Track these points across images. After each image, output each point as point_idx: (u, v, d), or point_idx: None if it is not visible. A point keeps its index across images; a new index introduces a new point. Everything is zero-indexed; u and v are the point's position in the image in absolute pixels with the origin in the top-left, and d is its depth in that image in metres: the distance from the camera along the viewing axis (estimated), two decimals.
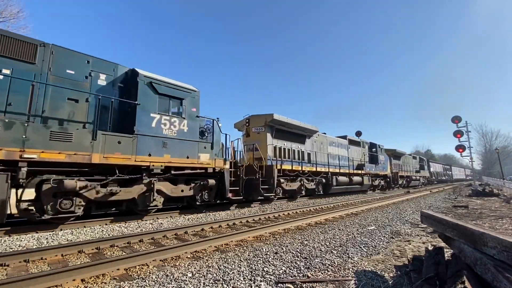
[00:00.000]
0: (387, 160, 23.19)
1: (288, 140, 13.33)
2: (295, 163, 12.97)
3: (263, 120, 12.27)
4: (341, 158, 17.38)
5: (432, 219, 3.19)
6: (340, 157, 17.22)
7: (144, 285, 2.95)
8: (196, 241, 4.51)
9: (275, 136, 12.56)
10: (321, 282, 2.99)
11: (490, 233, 2.19)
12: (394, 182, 23.97)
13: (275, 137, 12.59)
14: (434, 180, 39.65)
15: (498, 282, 1.92)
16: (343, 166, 17.18)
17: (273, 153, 12.13)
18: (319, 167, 14.75)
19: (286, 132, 13.36)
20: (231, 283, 2.99)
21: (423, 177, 33.68)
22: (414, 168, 30.91)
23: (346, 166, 17.50)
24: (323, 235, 5.37)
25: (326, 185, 15.02)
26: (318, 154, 15.32)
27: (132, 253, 3.87)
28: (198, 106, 8.31)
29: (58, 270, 3.04)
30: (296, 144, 13.95)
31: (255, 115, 12.64)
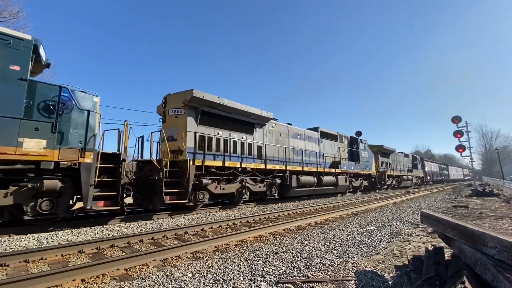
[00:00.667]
0: (372, 157, 20.39)
1: (223, 127, 10.14)
2: (234, 158, 10.04)
3: (181, 99, 9.06)
4: (309, 153, 14.32)
5: (432, 219, 3.19)
6: (307, 152, 14.12)
7: (144, 285, 2.95)
8: (196, 241, 4.51)
9: (201, 122, 9.40)
10: (321, 282, 2.98)
11: (490, 233, 2.19)
12: (380, 182, 21.21)
13: (202, 123, 9.43)
14: (429, 181, 36.99)
15: (498, 282, 1.92)
16: (311, 164, 14.15)
17: (196, 144, 8.96)
18: (273, 164, 11.64)
19: (220, 117, 10.09)
20: (231, 283, 2.99)
21: (416, 177, 31.21)
22: (405, 167, 28.50)
23: (315, 163, 14.42)
24: (323, 235, 5.37)
25: (283, 187, 12.06)
26: (273, 147, 12.20)
27: (132, 253, 3.87)
28: (27, 64, 5.34)
29: (58, 270, 3.05)
30: (239, 134, 10.67)
31: (174, 94, 9.40)
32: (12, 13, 16.71)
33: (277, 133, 12.92)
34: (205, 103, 9.43)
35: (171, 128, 9.04)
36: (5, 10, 16.41)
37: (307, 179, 13.10)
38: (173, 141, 8.76)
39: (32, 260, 3.76)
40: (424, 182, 34.08)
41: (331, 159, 16.14)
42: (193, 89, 8.91)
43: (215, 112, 9.89)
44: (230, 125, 10.48)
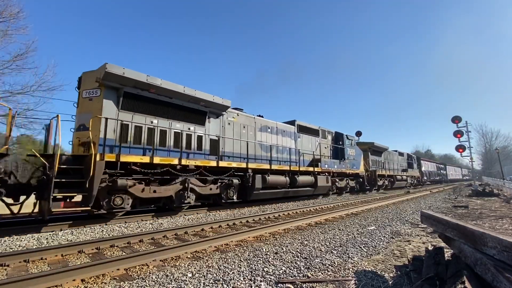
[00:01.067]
0: (360, 156, 18.54)
1: (161, 115, 8.26)
2: (174, 154, 8.24)
3: (94, 77, 7.17)
4: (282, 150, 12.50)
5: (432, 219, 3.19)
6: (279, 148, 12.33)
7: (144, 285, 2.95)
8: (196, 241, 4.51)
9: (124, 107, 7.48)
10: (321, 282, 2.98)
11: (490, 233, 2.19)
12: (370, 182, 19.62)
13: (126, 108, 7.50)
14: (426, 181, 35.21)
15: (498, 282, 1.92)
16: (284, 161, 12.40)
17: (117, 135, 7.12)
18: (229, 161, 9.75)
19: (155, 102, 8.13)
20: (231, 283, 2.99)
21: (411, 176, 29.23)
22: (400, 166, 26.79)
23: (288, 161, 12.56)
24: (323, 235, 5.37)
25: (245, 189, 10.19)
26: (234, 142, 10.35)
27: (132, 253, 3.87)
28: None
29: (58, 270, 3.05)
30: (185, 124, 8.82)
31: (90, 71, 7.46)
32: (12, 13, 16.70)
33: (239, 125, 10.91)
34: (130, 83, 7.41)
35: (84, 114, 7.05)
36: (5, 11, 16.42)
37: (277, 179, 11.11)
38: (85, 131, 6.81)
39: (32, 260, 3.76)
40: (420, 183, 32.35)
41: (310, 156, 14.15)
42: (107, 63, 6.93)
43: (145, 96, 7.83)
44: (171, 112, 8.52)
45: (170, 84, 8.24)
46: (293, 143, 13.52)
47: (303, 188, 12.74)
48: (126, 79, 7.32)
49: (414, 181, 29.98)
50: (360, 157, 18.58)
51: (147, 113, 7.95)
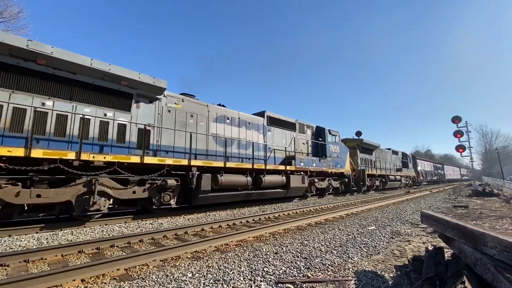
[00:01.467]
0: (346, 153, 16.57)
1: (58, 96, 6.39)
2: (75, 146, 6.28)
3: None
4: (245, 145, 10.54)
5: (432, 219, 3.19)
6: (241, 143, 10.38)
7: (144, 285, 2.95)
8: (196, 241, 4.51)
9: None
10: (321, 282, 2.98)
11: (490, 233, 2.19)
12: (358, 183, 17.78)
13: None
14: (422, 181, 33.31)
15: (498, 282, 1.91)
16: (247, 158, 10.39)
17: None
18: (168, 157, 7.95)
19: (48, 78, 6.28)
20: (231, 283, 2.99)
21: (406, 176, 27.46)
22: (393, 166, 25.05)
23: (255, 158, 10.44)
24: (323, 235, 5.37)
25: (188, 191, 8.30)
26: (174, 133, 8.35)
27: (132, 253, 3.87)
28: None
29: (58, 270, 3.05)
30: (98, 108, 6.90)
31: None
32: (12, 14, 16.73)
33: (184, 113, 8.87)
34: (3, 50, 5.69)
35: None
36: (5, 11, 16.43)
37: (235, 179, 9.27)
38: None
39: (32, 260, 3.76)
40: (416, 183, 30.76)
41: (283, 153, 12.13)
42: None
43: (29, 68, 6.04)
44: (76, 93, 6.67)
45: (68, 54, 6.32)
46: (262, 138, 11.39)
47: (271, 190, 10.84)
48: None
49: (409, 181, 28.32)
50: (345, 155, 16.50)
51: (36, 92, 6.09)
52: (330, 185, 15.11)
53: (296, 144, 13.15)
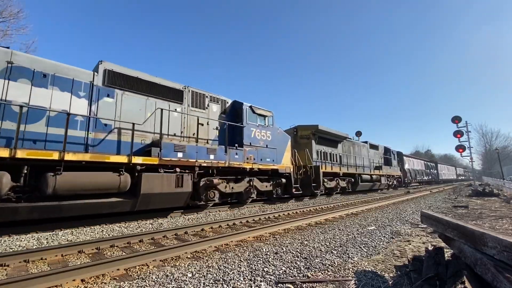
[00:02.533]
0: (284, 143, 11.77)
1: None
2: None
3: None
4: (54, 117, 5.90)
5: (432, 219, 3.19)
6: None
7: (144, 285, 2.95)
8: (196, 241, 4.51)
9: None
10: (321, 282, 2.98)
11: (490, 233, 2.19)
12: (309, 184, 12.95)
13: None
14: (410, 181, 29.25)
15: (498, 282, 1.92)
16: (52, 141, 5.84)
17: None
18: None
19: None
20: (231, 283, 2.99)
21: (389, 176, 22.98)
22: (370, 163, 20.45)
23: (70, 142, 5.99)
24: (323, 235, 5.37)
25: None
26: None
27: (132, 253, 3.87)
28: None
29: (58, 270, 3.05)
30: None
31: None
32: (12, 13, 16.73)
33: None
34: None
35: None
36: (5, 10, 16.43)
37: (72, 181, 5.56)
38: None
39: (32, 260, 3.76)
40: (402, 183, 26.61)
41: (146, 137, 7.52)
42: None
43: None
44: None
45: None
46: (85, 108, 6.51)
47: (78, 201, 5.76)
48: None
49: (392, 182, 23.90)
50: (284, 146, 11.63)
51: None
52: (252, 189, 9.92)
53: (165, 121, 7.70)
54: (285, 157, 11.65)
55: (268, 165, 10.70)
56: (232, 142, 9.53)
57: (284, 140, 11.96)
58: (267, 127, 11.05)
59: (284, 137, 12.02)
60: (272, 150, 10.98)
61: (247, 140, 9.98)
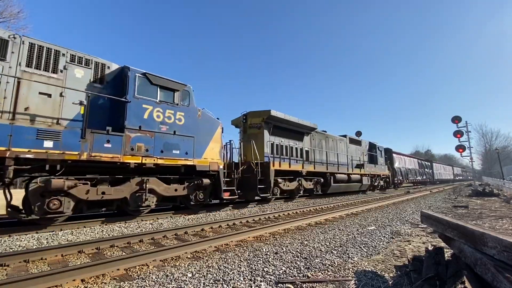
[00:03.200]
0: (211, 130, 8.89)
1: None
2: None
3: None
4: None
5: (432, 219, 3.19)
6: None
7: (144, 285, 2.95)
8: (196, 241, 4.50)
9: None
10: (321, 282, 2.98)
11: (490, 233, 2.19)
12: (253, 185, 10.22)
13: None
14: (400, 181, 26.41)
15: (498, 282, 1.92)
16: None
17: None
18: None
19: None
20: (231, 283, 2.99)
21: (374, 176, 19.84)
22: (350, 160, 17.23)
23: None
24: (323, 235, 5.37)
25: None
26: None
27: (132, 253, 3.87)
28: None
29: (58, 270, 3.04)
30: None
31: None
32: (12, 14, 16.73)
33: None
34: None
35: None
36: (5, 11, 16.43)
37: None
38: None
39: (32, 260, 3.76)
40: (391, 184, 23.77)
41: None
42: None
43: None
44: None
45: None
46: None
47: None
48: None
49: (378, 182, 20.81)
50: (209, 134, 8.73)
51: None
52: (145, 194, 6.99)
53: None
54: (209, 149, 8.58)
55: (177, 159, 7.61)
56: (114, 125, 6.66)
57: (209, 126, 8.77)
58: (178, 106, 7.80)
59: (210, 123, 8.81)
60: (184, 139, 7.85)
61: (134, 122, 6.90)
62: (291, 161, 12.65)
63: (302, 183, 12.92)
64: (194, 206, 8.52)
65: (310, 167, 13.73)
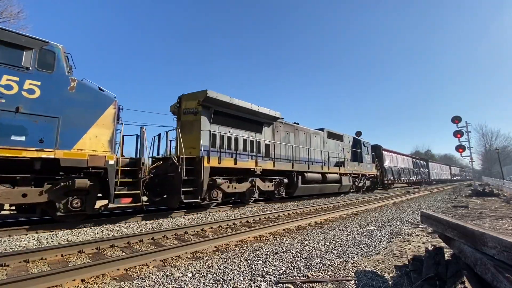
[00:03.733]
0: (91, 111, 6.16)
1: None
2: None
3: None
4: None
5: (432, 219, 3.19)
6: None
7: (144, 285, 2.95)
8: (196, 241, 4.51)
9: None
10: (321, 282, 2.99)
11: (490, 233, 2.19)
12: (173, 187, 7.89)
13: None
14: (391, 182, 23.76)
15: (498, 282, 1.92)
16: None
17: None
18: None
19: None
20: (231, 283, 2.99)
21: (357, 175, 17.42)
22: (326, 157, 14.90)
23: None
24: (323, 235, 5.37)
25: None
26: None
27: (132, 253, 3.87)
28: None
29: (58, 270, 3.05)
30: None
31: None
32: (12, 14, 16.74)
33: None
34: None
35: None
36: (5, 11, 16.44)
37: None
38: None
39: (32, 260, 3.76)
40: (379, 184, 21.40)
41: None
42: None
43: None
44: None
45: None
46: None
47: None
48: None
49: (363, 182, 18.34)
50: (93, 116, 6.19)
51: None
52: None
53: None
54: (90, 137, 6.13)
55: (21, 149, 5.21)
56: None
57: (92, 105, 6.26)
58: (28, 71, 5.47)
59: (92, 99, 6.29)
60: (39, 119, 5.47)
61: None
62: (241, 156, 10.08)
63: (256, 184, 10.31)
64: (69, 217, 6.13)
65: (268, 164, 10.96)
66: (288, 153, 12.69)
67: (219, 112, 9.78)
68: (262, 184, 10.73)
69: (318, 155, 14.57)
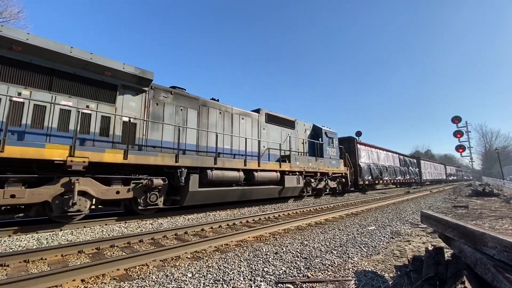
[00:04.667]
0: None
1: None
2: None
3: None
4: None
5: (432, 219, 3.19)
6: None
7: (144, 285, 2.95)
8: (196, 241, 4.51)
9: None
10: (321, 282, 2.98)
11: (490, 233, 2.20)
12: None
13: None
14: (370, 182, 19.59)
15: (498, 282, 1.92)
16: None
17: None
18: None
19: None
20: (231, 283, 2.99)
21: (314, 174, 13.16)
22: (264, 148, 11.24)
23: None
24: (323, 235, 5.37)
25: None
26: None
27: (132, 253, 3.87)
28: None
29: (58, 270, 3.04)
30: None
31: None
32: (12, 14, 16.74)
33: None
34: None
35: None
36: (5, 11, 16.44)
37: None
38: None
39: (32, 260, 3.76)
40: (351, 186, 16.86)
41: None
42: None
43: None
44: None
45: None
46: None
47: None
48: None
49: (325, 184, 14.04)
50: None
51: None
52: None
53: None
54: None
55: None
56: None
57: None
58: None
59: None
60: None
61: None
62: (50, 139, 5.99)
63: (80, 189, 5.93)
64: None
65: (109, 154, 6.39)
66: (183, 140, 8.55)
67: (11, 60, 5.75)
68: (97, 189, 6.27)
69: (241, 144, 10.30)
